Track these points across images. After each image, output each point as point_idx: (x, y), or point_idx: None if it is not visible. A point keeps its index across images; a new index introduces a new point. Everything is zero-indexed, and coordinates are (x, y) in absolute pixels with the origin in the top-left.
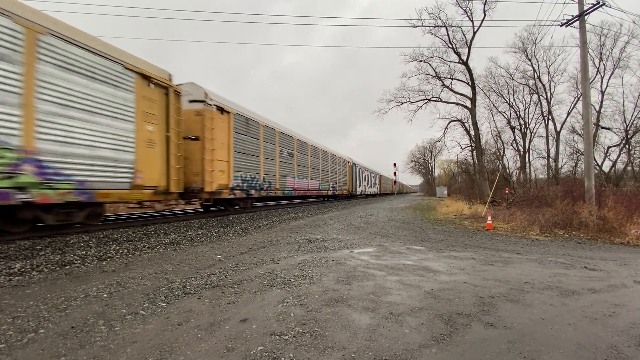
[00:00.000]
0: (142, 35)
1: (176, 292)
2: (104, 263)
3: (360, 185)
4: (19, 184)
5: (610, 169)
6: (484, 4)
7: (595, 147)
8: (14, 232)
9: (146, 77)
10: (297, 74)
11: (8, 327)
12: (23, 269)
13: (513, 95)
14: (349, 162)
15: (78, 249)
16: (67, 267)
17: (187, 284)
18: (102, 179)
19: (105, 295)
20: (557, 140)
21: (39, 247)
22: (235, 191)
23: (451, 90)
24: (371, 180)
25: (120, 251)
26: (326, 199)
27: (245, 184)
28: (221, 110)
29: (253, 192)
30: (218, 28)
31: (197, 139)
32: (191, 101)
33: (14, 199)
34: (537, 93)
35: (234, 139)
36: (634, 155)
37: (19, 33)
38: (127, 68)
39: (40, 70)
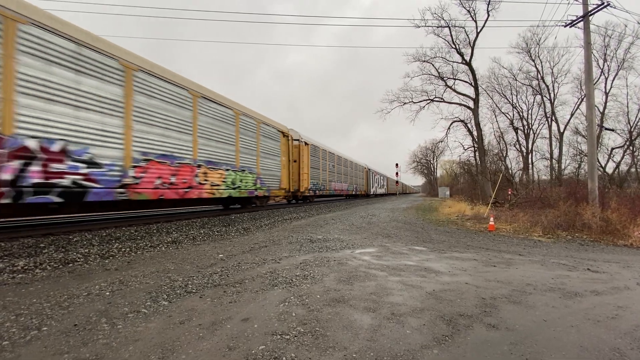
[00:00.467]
0: (144, 32)
1: (178, 291)
2: (107, 261)
3: (373, 187)
4: (257, 188)
5: (614, 170)
6: (488, 4)
7: (599, 148)
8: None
9: (283, 133)
10: (299, 73)
11: (11, 324)
12: (26, 267)
13: (516, 96)
14: (365, 168)
15: (81, 247)
16: (70, 265)
17: (189, 282)
18: (273, 185)
19: (107, 293)
20: (561, 141)
21: (42, 245)
22: (311, 191)
23: (454, 90)
24: (380, 182)
25: (123, 249)
26: (348, 197)
27: (314, 187)
28: (305, 143)
29: (317, 191)
30: (221, 27)
31: (296, 161)
32: (294, 139)
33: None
34: (541, 94)
35: (310, 159)
36: (638, 157)
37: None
38: (280, 131)
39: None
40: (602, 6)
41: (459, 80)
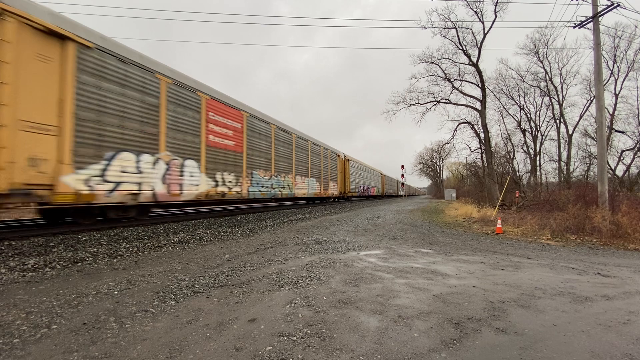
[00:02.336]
0: (147, 32)
1: (185, 291)
2: (115, 261)
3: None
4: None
5: (624, 173)
6: (495, 5)
7: (609, 150)
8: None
9: (337, 154)
10: (303, 73)
11: (22, 322)
12: (36, 265)
13: (524, 98)
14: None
15: (89, 246)
16: (79, 264)
17: (196, 282)
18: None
19: (116, 292)
20: (569, 143)
21: (51, 244)
22: (352, 193)
23: (461, 92)
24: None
25: (131, 249)
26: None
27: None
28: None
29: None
30: (222, 28)
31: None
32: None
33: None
34: (549, 95)
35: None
36: None
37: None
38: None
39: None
40: (612, 7)
41: (466, 81)
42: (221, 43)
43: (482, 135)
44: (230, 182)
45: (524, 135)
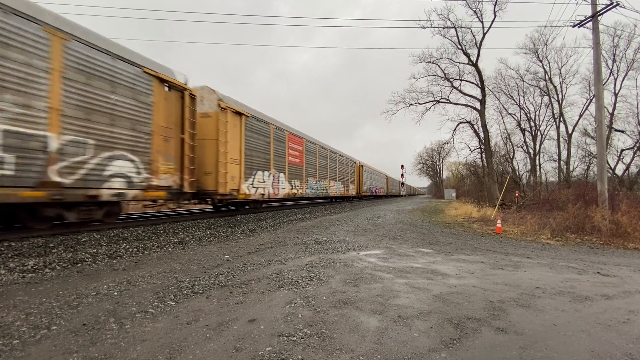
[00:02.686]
0: (147, 32)
1: (185, 292)
2: (115, 261)
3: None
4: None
5: (624, 172)
6: (494, 5)
7: (609, 150)
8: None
9: (353, 161)
10: (302, 73)
11: (22, 323)
12: (36, 266)
13: (523, 97)
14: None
15: (89, 247)
16: (79, 264)
17: (196, 283)
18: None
19: (115, 293)
20: (569, 142)
21: (51, 245)
22: (365, 193)
23: (460, 91)
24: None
25: (130, 250)
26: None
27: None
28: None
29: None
30: (221, 28)
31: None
32: (355, 164)
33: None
34: (548, 95)
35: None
36: None
37: None
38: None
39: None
40: (612, 6)
41: (466, 81)
42: (220, 44)
43: (481, 134)
44: (297, 186)
45: (524, 134)
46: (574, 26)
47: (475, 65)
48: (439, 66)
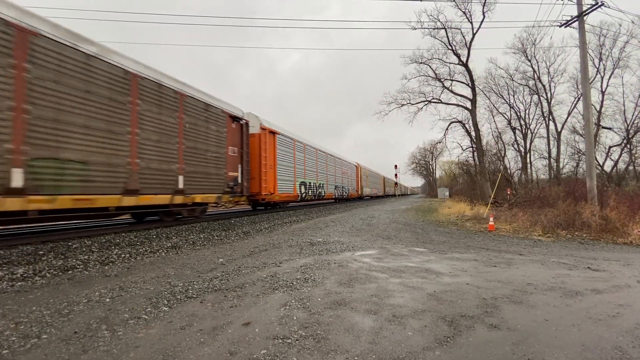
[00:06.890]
0: (144, 31)
1: (178, 296)
2: (107, 267)
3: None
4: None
5: (612, 168)
6: (483, 6)
7: (597, 147)
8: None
9: (355, 165)
10: (290, 71)
11: (11, 332)
12: (26, 274)
13: (513, 96)
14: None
15: (80, 253)
16: (70, 272)
17: (190, 287)
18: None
19: (107, 299)
20: (558, 140)
21: (41, 252)
22: (367, 195)
23: (451, 91)
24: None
25: (123, 255)
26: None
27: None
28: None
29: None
30: (203, 27)
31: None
32: (357, 166)
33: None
34: (538, 93)
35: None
36: (636, 155)
37: None
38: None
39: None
40: (597, 6)
41: (456, 81)
42: (202, 46)
43: (473, 133)
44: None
45: (514, 133)
46: (560, 26)
47: (465, 65)
48: (430, 67)
